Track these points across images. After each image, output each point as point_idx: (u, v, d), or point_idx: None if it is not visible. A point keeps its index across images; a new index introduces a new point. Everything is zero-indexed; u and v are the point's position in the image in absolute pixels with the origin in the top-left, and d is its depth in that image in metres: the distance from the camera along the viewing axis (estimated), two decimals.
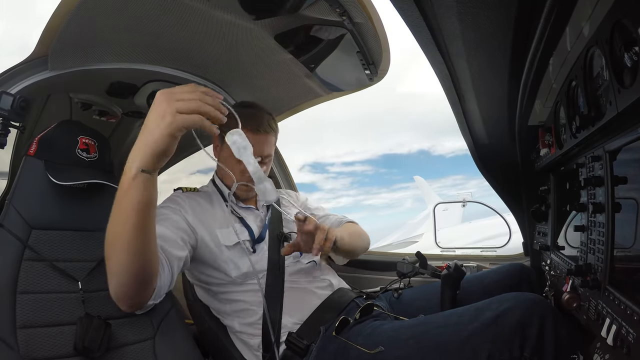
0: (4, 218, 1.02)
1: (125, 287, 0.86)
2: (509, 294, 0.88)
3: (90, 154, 1.16)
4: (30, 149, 1.11)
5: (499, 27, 0.72)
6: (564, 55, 0.82)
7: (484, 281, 1.26)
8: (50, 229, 1.06)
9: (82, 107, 1.40)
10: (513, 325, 0.79)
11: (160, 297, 0.99)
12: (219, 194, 1.27)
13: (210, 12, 1.03)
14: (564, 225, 1.18)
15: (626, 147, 0.71)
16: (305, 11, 1.02)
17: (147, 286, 0.90)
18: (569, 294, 0.91)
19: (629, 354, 0.63)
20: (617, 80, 0.61)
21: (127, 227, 0.78)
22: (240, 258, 1.16)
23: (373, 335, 0.97)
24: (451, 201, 9.49)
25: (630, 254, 0.71)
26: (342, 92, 1.53)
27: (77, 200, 1.13)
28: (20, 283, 0.95)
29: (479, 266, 1.62)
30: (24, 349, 0.87)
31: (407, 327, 0.96)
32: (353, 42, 1.14)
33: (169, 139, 0.74)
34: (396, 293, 1.30)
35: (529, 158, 1.35)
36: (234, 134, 0.85)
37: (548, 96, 1.05)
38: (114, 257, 0.82)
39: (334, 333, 1.01)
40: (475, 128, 1.22)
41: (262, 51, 1.24)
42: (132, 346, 1.01)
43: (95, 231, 1.11)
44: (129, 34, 1.10)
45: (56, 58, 1.08)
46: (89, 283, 1.04)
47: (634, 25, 0.54)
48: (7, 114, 1.02)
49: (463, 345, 0.83)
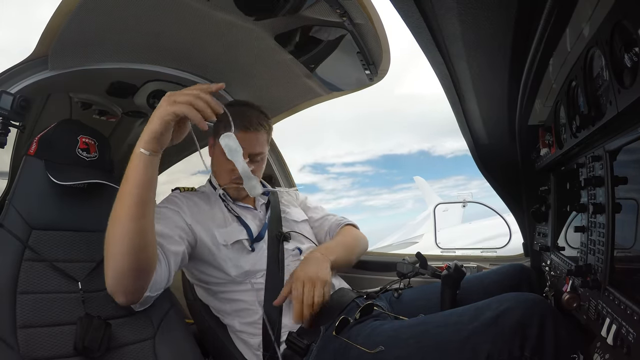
0: (4, 218, 1.02)
1: (122, 275, 0.89)
2: (509, 294, 0.88)
3: (90, 154, 1.16)
4: (30, 148, 1.11)
5: (499, 28, 0.72)
6: (564, 56, 0.82)
7: (484, 281, 1.26)
8: (51, 229, 1.06)
9: (82, 107, 1.40)
10: (513, 325, 0.79)
11: (158, 291, 1.00)
12: (215, 192, 1.28)
13: (210, 12, 1.03)
14: (564, 226, 1.18)
15: (626, 147, 0.71)
16: (305, 12, 1.02)
17: (144, 276, 0.93)
18: (569, 294, 0.91)
19: (629, 353, 0.63)
20: (617, 81, 0.61)
21: (128, 203, 0.87)
22: (239, 257, 1.16)
23: (373, 335, 0.97)
24: (451, 202, 9.49)
25: (631, 255, 0.71)
26: (342, 92, 1.53)
27: (77, 200, 1.13)
28: (20, 283, 0.95)
29: (479, 267, 1.61)
30: (24, 349, 0.87)
31: (407, 327, 0.96)
32: (353, 43, 1.15)
33: (160, 122, 0.86)
34: (396, 293, 1.30)
35: (529, 158, 1.35)
36: (226, 137, 0.96)
37: (548, 96, 1.05)
38: (113, 240, 0.88)
39: (334, 333, 1.01)
40: (475, 128, 1.22)
41: (262, 51, 1.24)
42: (132, 346, 1.01)
43: (95, 231, 1.11)
44: (129, 33, 1.10)
45: (56, 58, 1.08)
46: (89, 283, 1.04)
47: (634, 26, 0.54)
48: (7, 114, 1.02)
49: (463, 345, 0.83)
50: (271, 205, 1.33)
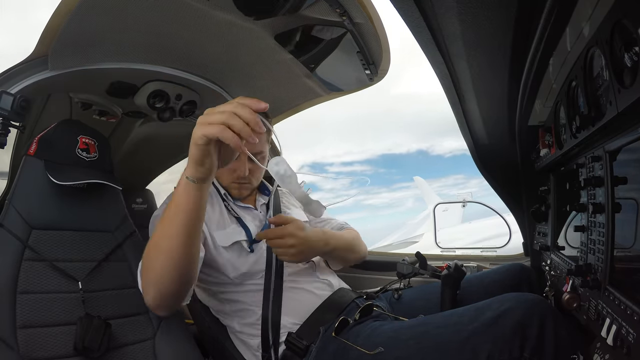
0: (4, 218, 1.02)
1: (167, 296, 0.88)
2: (510, 294, 0.88)
3: (90, 154, 1.16)
4: (30, 148, 1.11)
5: (499, 27, 0.72)
6: (564, 56, 0.82)
7: (484, 281, 1.26)
8: (50, 229, 1.06)
9: (82, 107, 1.39)
10: (513, 326, 0.79)
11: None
12: (217, 192, 1.27)
13: (210, 11, 1.03)
14: (564, 226, 1.18)
15: (626, 147, 0.71)
16: (305, 11, 1.02)
17: (187, 288, 0.91)
18: (569, 294, 0.91)
19: (629, 354, 0.63)
20: (617, 80, 0.61)
21: (173, 229, 0.81)
22: (238, 258, 1.15)
23: (373, 336, 0.97)
24: (451, 201, 9.49)
25: (630, 254, 0.71)
26: (342, 92, 1.53)
27: (77, 200, 1.13)
28: (20, 283, 0.95)
29: (479, 266, 1.62)
30: (24, 349, 0.87)
31: (407, 328, 0.96)
32: (353, 42, 1.14)
33: (195, 147, 0.75)
34: (396, 294, 1.30)
35: (529, 158, 1.35)
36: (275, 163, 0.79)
37: (548, 96, 1.05)
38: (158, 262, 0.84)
39: (334, 334, 1.01)
40: (475, 128, 1.22)
41: (262, 51, 1.23)
42: (132, 346, 1.01)
43: (95, 231, 1.11)
44: (129, 33, 1.10)
45: (56, 58, 1.08)
46: (89, 283, 1.04)
47: (634, 26, 0.54)
48: (7, 114, 1.02)
49: (463, 345, 0.83)
50: (272, 205, 1.33)
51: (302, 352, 1.03)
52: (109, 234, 1.16)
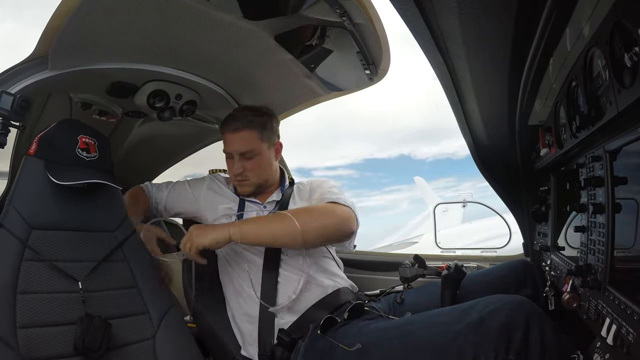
0: (4, 218, 1.01)
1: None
2: (495, 296, 0.87)
3: (90, 154, 1.16)
4: (30, 148, 1.11)
5: (499, 28, 0.72)
6: (564, 56, 0.82)
7: (488, 277, 1.26)
8: (51, 229, 1.06)
9: (82, 107, 1.39)
10: (498, 328, 0.79)
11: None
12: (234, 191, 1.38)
13: (210, 12, 1.03)
14: (564, 226, 1.18)
15: (626, 147, 0.71)
16: (305, 12, 1.02)
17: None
18: (569, 294, 0.91)
19: (629, 353, 0.63)
20: (617, 80, 0.61)
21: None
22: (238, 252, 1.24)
23: (359, 335, 0.98)
24: (452, 202, 9.48)
25: (631, 255, 0.71)
26: (341, 92, 1.53)
27: (78, 200, 1.13)
28: (20, 283, 0.95)
29: (479, 266, 1.61)
30: (24, 348, 0.87)
31: (393, 327, 0.96)
32: (353, 43, 1.14)
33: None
34: (399, 298, 1.29)
35: (529, 158, 1.35)
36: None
37: (548, 96, 1.05)
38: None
39: (319, 332, 1.02)
40: (475, 128, 1.22)
41: (262, 51, 1.23)
42: (133, 346, 1.01)
43: (95, 231, 1.11)
44: (129, 33, 1.10)
45: (56, 58, 1.08)
46: (89, 283, 1.04)
47: (634, 26, 0.54)
48: (7, 114, 1.01)
49: (448, 346, 0.83)
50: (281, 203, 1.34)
51: (287, 345, 1.07)
52: (109, 234, 1.16)
